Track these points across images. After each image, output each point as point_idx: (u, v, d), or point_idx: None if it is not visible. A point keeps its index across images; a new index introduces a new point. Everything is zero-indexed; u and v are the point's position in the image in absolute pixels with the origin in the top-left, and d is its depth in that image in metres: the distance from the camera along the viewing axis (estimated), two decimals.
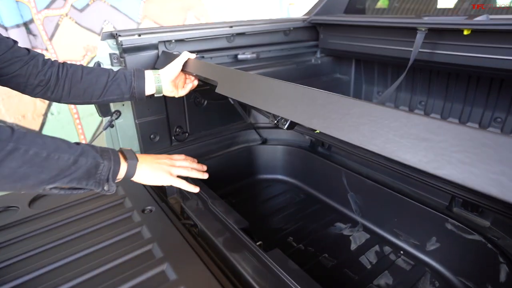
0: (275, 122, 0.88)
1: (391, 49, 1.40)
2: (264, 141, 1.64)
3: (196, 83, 1.16)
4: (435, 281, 1.01)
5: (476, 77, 1.36)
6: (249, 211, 1.38)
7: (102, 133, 1.33)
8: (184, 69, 1.08)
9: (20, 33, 2.06)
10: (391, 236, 1.18)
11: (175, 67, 1.06)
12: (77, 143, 0.71)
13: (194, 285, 0.76)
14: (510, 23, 0.98)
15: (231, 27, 1.39)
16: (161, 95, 1.08)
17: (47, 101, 2.30)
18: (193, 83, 1.15)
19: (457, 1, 1.48)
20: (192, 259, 0.83)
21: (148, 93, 1.05)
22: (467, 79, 1.39)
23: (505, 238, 0.93)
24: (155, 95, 1.07)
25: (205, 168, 1.01)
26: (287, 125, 0.81)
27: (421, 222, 1.09)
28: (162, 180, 0.86)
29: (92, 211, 1.03)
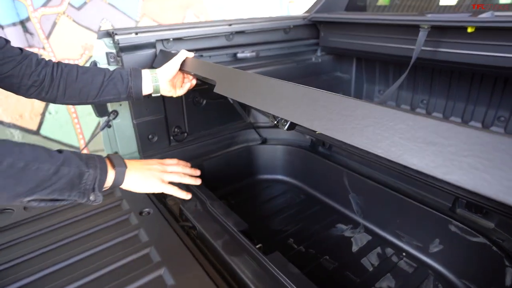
0: (275, 122, 0.86)
1: (393, 47, 1.38)
2: (264, 141, 1.62)
3: (194, 82, 1.14)
4: (438, 284, 1.00)
5: (479, 76, 1.34)
6: (249, 212, 1.36)
7: (99, 134, 1.31)
8: (182, 68, 1.06)
9: (16, 32, 2.04)
10: (393, 237, 1.16)
11: (173, 66, 1.04)
12: (60, 151, 0.67)
13: None
14: None
15: (230, 25, 1.37)
16: (159, 94, 1.06)
17: (47, 102, 2.28)
18: (191, 83, 1.13)
19: None
20: (190, 263, 0.81)
21: (145, 92, 1.03)
22: (470, 77, 1.37)
23: (510, 240, 0.91)
24: (153, 95, 1.05)
25: (198, 173, 0.98)
26: (287, 126, 0.79)
27: (423, 223, 1.07)
28: (153, 187, 0.83)
29: (88, 214, 1.01)
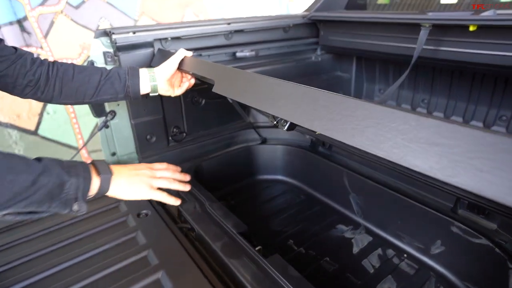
0: (275, 123, 0.84)
1: (393, 46, 1.36)
2: (263, 141, 1.61)
3: (193, 81, 1.12)
4: (440, 286, 0.98)
5: (481, 75, 1.32)
6: (249, 212, 1.35)
7: (97, 134, 1.30)
8: (180, 68, 1.04)
9: (13, 31, 2.02)
10: (394, 238, 1.15)
11: (171, 65, 1.02)
12: (39, 159, 0.63)
13: None
14: None
15: (229, 24, 1.36)
16: (157, 94, 1.05)
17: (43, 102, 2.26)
18: (189, 82, 1.12)
19: None
20: (188, 266, 0.80)
21: (143, 92, 1.01)
22: (471, 76, 1.36)
23: None
24: (150, 94, 1.04)
25: (188, 178, 0.95)
26: (287, 126, 0.78)
27: (425, 224, 1.06)
28: (140, 194, 0.80)
29: (85, 216, 1.00)
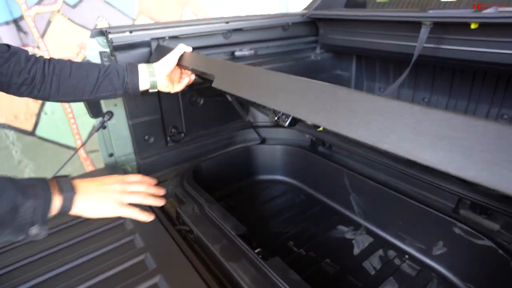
0: (276, 119, 0.82)
1: (394, 44, 1.35)
2: (262, 141, 1.59)
3: (193, 77, 1.10)
4: None
5: (482, 73, 1.31)
6: (248, 213, 1.34)
7: (94, 135, 1.28)
8: (179, 63, 1.02)
9: (9, 31, 2.00)
10: (396, 239, 1.14)
11: (171, 61, 1.00)
12: None
13: None
14: None
15: (228, 23, 1.34)
16: (156, 90, 1.03)
17: (40, 100, 2.24)
18: (189, 78, 1.09)
19: None
20: (186, 270, 0.78)
21: (142, 88, 0.99)
22: (472, 74, 1.34)
23: None
24: (150, 91, 1.01)
25: (163, 192, 0.86)
26: (288, 121, 0.76)
27: (426, 225, 1.05)
28: (108, 211, 0.73)
29: (80, 219, 0.98)
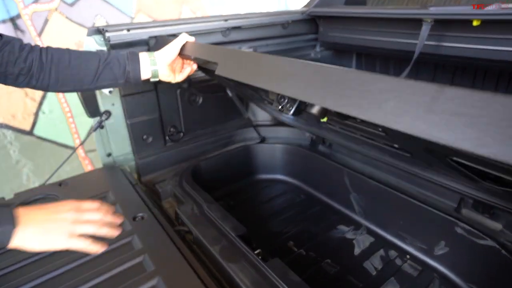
0: (280, 107, 0.81)
1: (394, 42, 1.33)
2: (262, 140, 1.58)
3: (195, 67, 1.07)
4: None
5: (483, 71, 1.30)
6: (248, 213, 1.33)
7: (92, 135, 1.27)
8: (181, 53, 1.00)
9: (6, 29, 1.98)
10: (397, 239, 1.13)
11: (173, 50, 0.98)
12: None
13: None
14: None
15: (227, 21, 1.32)
16: (157, 79, 1.01)
17: (38, 100, 2.23)
18: (191, 67, 1.07)
19: None
20: (185, 272, 0.77)
21: (143, 77, 0.96)
22: (473, 72, 1.33)
23: None
24: (151, 80, 0.99)
25: (120, 221, 0.78)
26: (293, 110, 0.75)
27: (428, 224, 1.04)
28: (54, 244, 0.66)
29: None
